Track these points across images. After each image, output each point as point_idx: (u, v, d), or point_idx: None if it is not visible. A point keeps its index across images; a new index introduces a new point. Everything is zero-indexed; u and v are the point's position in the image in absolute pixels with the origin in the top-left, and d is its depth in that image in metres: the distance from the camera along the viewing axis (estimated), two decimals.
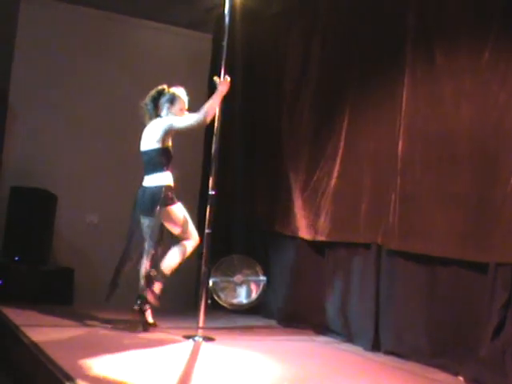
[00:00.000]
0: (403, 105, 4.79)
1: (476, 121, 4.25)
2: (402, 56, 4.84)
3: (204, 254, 4.96)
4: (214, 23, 7.02)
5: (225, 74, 4.98)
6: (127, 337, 4.68)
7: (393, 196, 4.78)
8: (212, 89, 5.08)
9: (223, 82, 4.95)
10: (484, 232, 4.08)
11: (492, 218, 4.05)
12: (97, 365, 3.67)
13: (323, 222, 5.49)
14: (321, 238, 5.51)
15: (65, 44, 6.81)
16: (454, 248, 4.26)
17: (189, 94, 5.15)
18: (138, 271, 5.15)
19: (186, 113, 5.09)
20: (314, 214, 5.61)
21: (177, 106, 5.10)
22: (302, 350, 4.85)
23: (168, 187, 4.97)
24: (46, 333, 4.46)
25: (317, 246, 5.69)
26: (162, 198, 4.89)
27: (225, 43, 5.03)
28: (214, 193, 4.92)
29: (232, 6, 5.22)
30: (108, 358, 3.90)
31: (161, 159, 5.02)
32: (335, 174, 5.43)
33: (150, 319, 4.98)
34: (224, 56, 5.04)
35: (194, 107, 5.20)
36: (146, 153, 5.12)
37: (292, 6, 6.28)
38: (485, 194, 4.12)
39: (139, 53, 7.14)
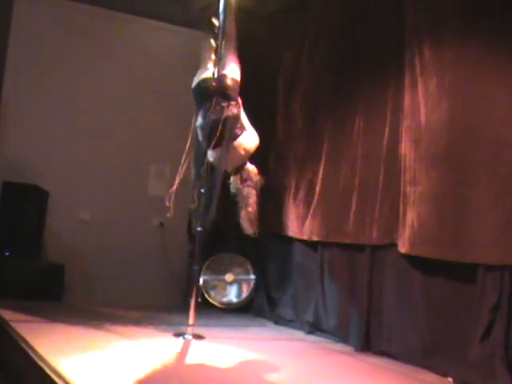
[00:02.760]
0: (393, 104, 4.82)
1: (460, 118, 4.25)
2: (397, 55, 4.85)
3: (195, 252, 4.95)
4: (209, 21, 7.00)
5: (219, 72, 4.96)
6: (116, 333, 4.67)
7: (386, 197, 4.80)
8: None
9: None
10: (470, 233, 4.09)
11: (478, 219, 4.06)
12: (86, 361, 3.66)
13: (317, 221, 5.49)
14: (315, 237, 5.52)
15: (59, 40, 6.78)
16: (441, 249, 4.27)
17: (183, 91, 5.13)
18: None
19: None
20: (308, 213, 5.61)
21: None
22: (292, 350, 4.85)
23: None
24: (36, 328, 4.46)
25: (309, 246, 5.70)
26: None
27: (219, 42, 5.02)
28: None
29: (227, 5, 5.21)
30: (97, 354, 3.89)
31: None
32: (328, 174, 5.44)
33: None
34: (218, 55, 5.02)
35: (187, 104, 5.20)
36: None
37: (287, 6, 6.28)
38: (471, 195, 4.12)
39: (135, 50, 7.13)
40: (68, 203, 6.72)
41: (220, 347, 4.57)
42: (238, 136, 4.46)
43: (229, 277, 5.18)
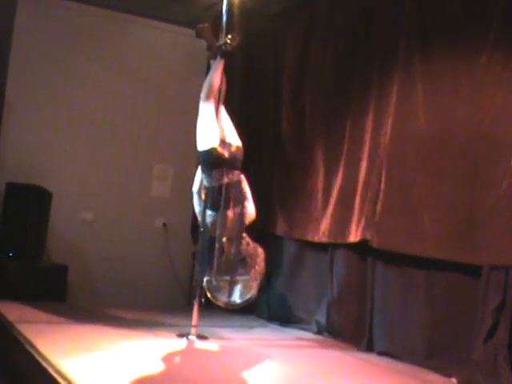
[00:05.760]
0: (396, 105, 4.81)
1: (470, 123, 4.26)
2: (399, 55, 4.85)
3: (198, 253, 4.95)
4: (212, 22, 7.01)
5: (223, 73, 4.95)
6: (120, 334, 4.67)
7: (387, 198, 4.79)
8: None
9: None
10: (477, 234, 4.10)
11: (485, 220, 4.07)
12: (90, 362, 3.67)
13: (322, 223, 5.47)
14: (318, 239, 5.50)
15: (62, 41, 6.78)
16: (448, 250, 4.27)
17: (186, 91, 5.13)
18: None
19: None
20: (312, 215, 5.60)
21: None
22: (295, 350, 4.85)
23: None
24: (40, 329, 4.45)
25: (313, 246, 5.69)
26: None
27: (222, 42, 5.02)
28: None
29: (230, 5, 5.22)
30: (101, 355, 3.89)
31: None
32: (335, 176, 5.42)
33: None
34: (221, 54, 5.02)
35: (190, 105, 5.21)
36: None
37: (290, 6, 6.28)
38: (478, 196, 4.14)
39: (136, 50, 7.12)
40: (71, 204, 6.72)
41: (224, 348, 4.57)
42: (243, 202, 4.56)
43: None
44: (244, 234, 4.56)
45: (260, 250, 4.52)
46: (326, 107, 5.67)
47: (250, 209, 4.62)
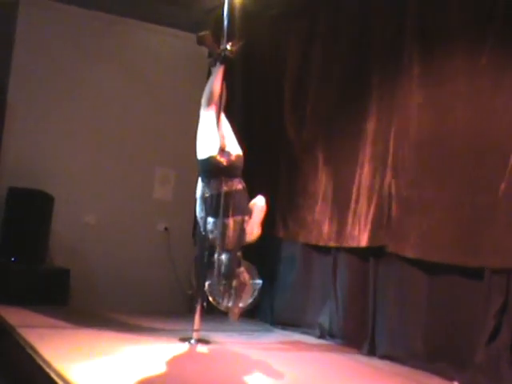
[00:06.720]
0: (398, 107, 4.80)
1: (470, 125, 4.26)
2: (400, 57, 4.86)
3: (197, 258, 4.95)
4: (213, 25, 7.01)
5: (224, 79, 4.95)
6: (122, 338, 4.67)
7: (387, 201, 4.79)
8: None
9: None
10: (477, 237, 4.09)
11: (485, 223, 4.06)
12: (92, 367, 3.67)
13: (326, 227, 5.47)
14: (324, 243, 5.50)
15: (64, 45, 6.79)
16: (448, 253, 4.27)
17: (187, 95, 5.13)
18: None
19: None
20: (319, 219, 5.60)
21: None
22: (297, 354, 4.85)
23: None
24: (42, 333, 4.46)
25: (315, 250, 5.69)
26: None
27: (223, 46, 5.02)
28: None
29: (231, 8, 5.22)
30: (103, 359, 3.89)
31: None
32: (338, 180, 5.42)
33: None
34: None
35: (191, 109, 5.22)
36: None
37: (291, 8, 6.28)
38: (478, 199, 4.13)
39: (138, 54, 7.14)
40: (73, 208, 6.73)
41: (225, 352, 4.57)
42: (244, 213, 4.46)
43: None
44: (239, 253, 4.50)
45: (247, 279, 4.46)
46: (328, 110, 5.67)
47: (251, 228, 4.49)
